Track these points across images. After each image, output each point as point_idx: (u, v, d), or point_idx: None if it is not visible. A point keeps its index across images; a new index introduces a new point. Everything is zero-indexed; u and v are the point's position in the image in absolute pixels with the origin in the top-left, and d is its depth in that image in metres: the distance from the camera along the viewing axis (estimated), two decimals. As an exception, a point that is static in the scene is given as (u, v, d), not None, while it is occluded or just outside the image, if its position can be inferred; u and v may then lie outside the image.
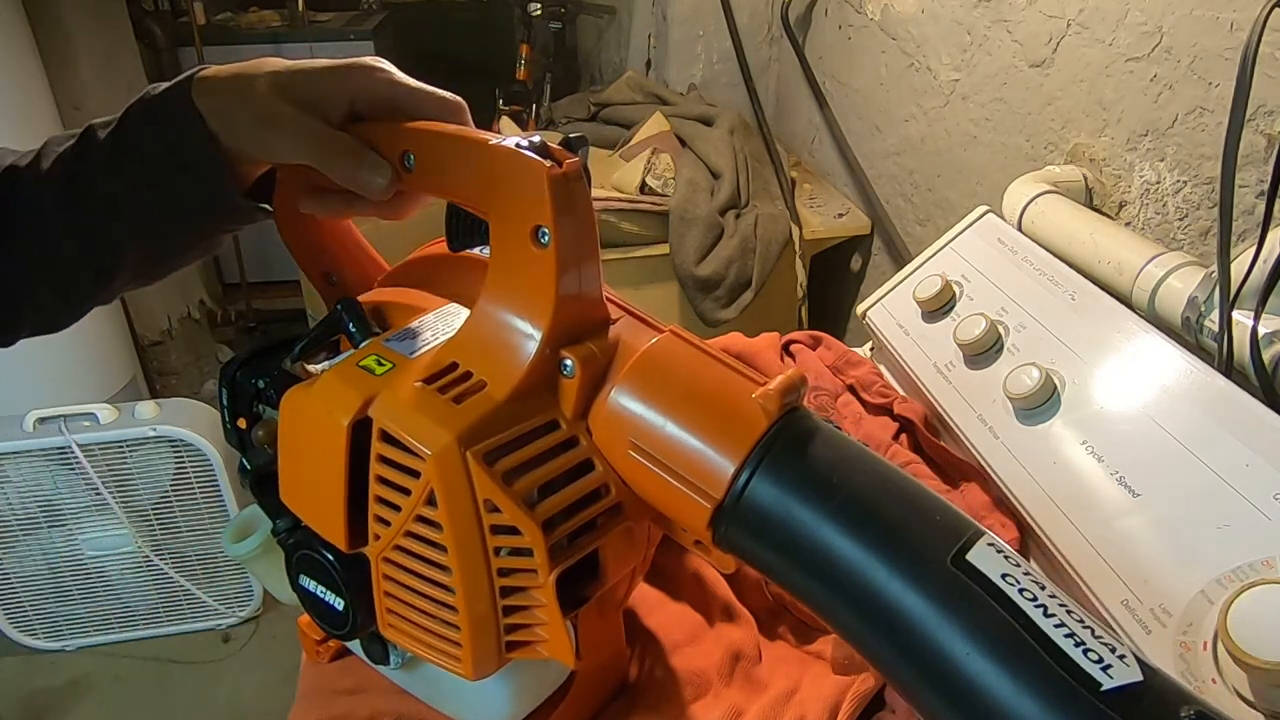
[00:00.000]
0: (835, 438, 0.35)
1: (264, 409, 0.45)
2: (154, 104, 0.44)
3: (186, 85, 0.43)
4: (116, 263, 0.47)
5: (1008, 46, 1.01)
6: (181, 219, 0.46)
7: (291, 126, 0.42)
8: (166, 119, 0.43)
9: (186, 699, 1.64)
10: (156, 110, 0.44)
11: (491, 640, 0.38)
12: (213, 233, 0.48)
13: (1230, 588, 0.46)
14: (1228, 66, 0.71)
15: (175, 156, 0.43)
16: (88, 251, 0.47)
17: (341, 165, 0.42)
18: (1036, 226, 0.82)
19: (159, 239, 0.47)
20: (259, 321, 2.63)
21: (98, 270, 0.47)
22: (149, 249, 0.47)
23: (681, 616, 0.58)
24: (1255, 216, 0.68)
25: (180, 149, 0.43)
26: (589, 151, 0.40)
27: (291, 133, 0.42)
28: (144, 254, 0.47)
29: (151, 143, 0.44)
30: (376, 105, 0.43)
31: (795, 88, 1.70)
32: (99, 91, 2.00)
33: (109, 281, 0.48)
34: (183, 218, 0.46)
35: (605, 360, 0.38)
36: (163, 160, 0.44)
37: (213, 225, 0.48)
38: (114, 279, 0.48)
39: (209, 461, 1.58)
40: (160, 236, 0.47)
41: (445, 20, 3.15)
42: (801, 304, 1.45)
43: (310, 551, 0.41)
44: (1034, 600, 0.29)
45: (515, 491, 0.35)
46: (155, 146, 0.44)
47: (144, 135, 0.44)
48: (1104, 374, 0.61)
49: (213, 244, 0.50)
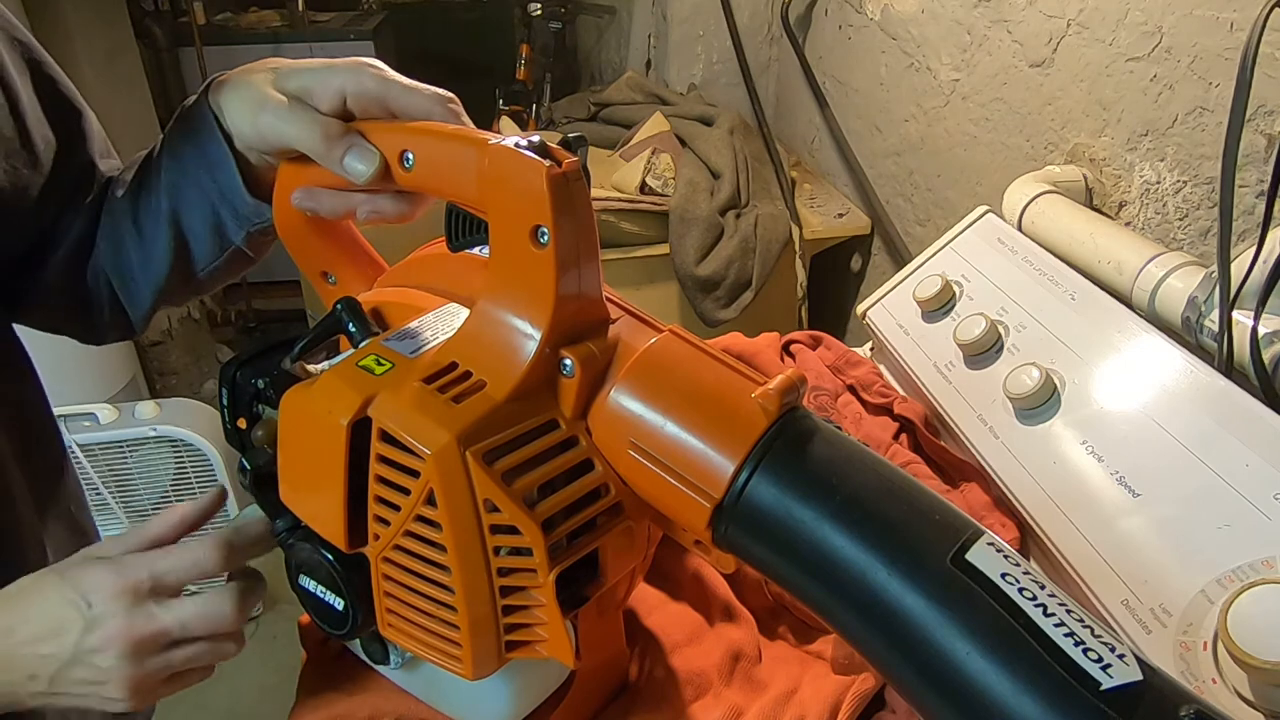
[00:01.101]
0: (835, 437, 0.35)
1: (264, 409, 0.45)
2: (185, 108, 0.50)
3: (206, 89, 0.49)
4: (158, 250, 0.53)
5: (1008, 46, 1.01)
6: (205, 205, 0.51)
7: (280, 109, 0.44)
8: (189, 117, 0.49)
9: (187, 699, 1.64)
10: (185, 112, 0.50)
11: (491, 640, 0.38)
12: (231, 228, 0.52)
13: (1230, 588, 0.46)
14: (1228, 66, 0.71)
15: (195, 146, 0.49)
16: (139, 239, 0.53)
17: (329, 149, 0.43)
18: (1036, 226, 0.82)
19: (190, 228, 0.52)
20: (259, 321, 2.63)
21: (144, 258, 0.54)
22: (182, 241, 0.53)
23: (681, 616, 0.58)
24: (1255, 216, 0.68)
25: (198, 140, 0.49)
26: (588, 151, 0.40)
27: (282, 115, 0.44)
28: (179, 244, 0.53)
29: (180, 140, 0.50)
30: (368, 101, 0.44)
31: (795, 88, 1.70)
32: (99, 91, 2.00)
33: (155, 274, 0.54)
34: (205, 203, 0.51)
35: (605, 360, 0.38)
36: (188, 150, 0.50)
37: (229, 216, 0.51)
38: (158, 270, 0.54)
39: (209, 461, 1.58)
40: (191, 226, 0.52)
41: (445, 20, 3.15)
42: (801, 304, 1.45)
43: (310, 551, 0.41)
44: (1034, 599, 0.29)
45: (515, 491, 0.35)
46: (182, 142, 0.50)
47: (176, 133, 0.51)
48: (1104, 374, 0.61)
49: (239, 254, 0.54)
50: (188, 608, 0.42)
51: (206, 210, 0.51)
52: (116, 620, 0.41)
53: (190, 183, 0.50)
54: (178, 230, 0.52)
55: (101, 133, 0.58)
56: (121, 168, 0.57)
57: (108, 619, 0.41)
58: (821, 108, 1.56)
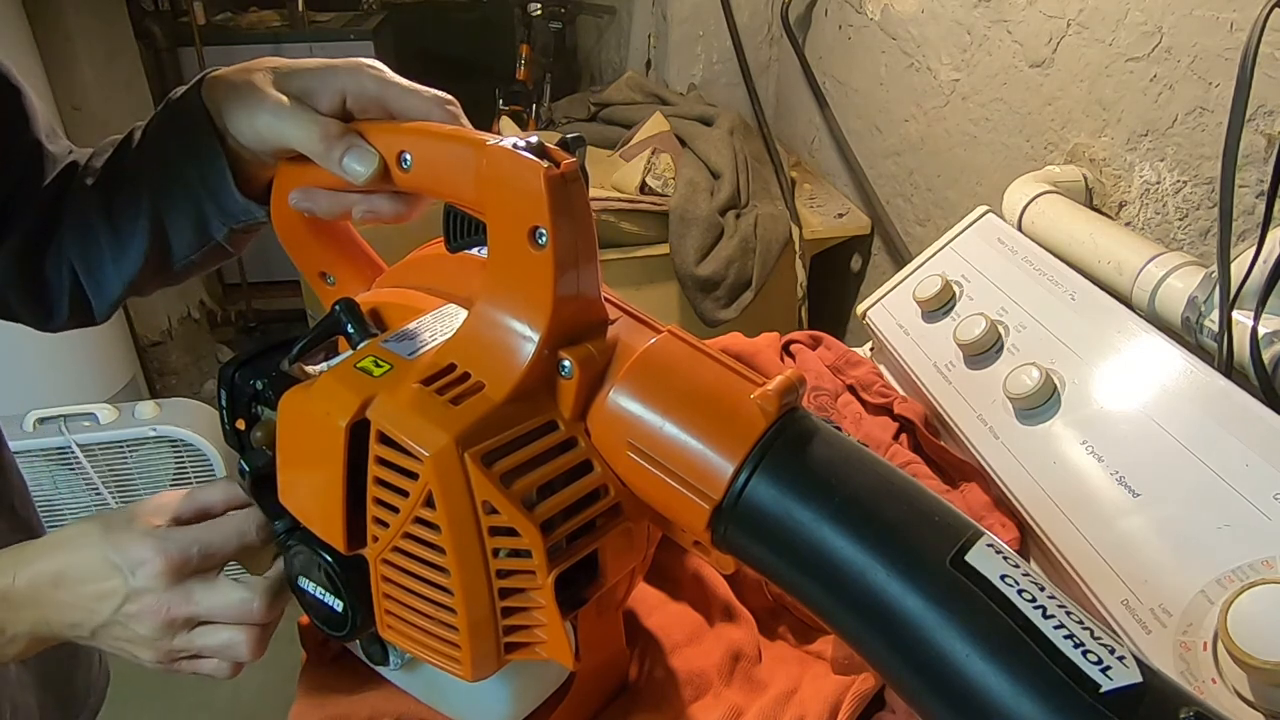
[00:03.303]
0: (834, 438, 0.35)
1: (263, 410, 0.45)
2: (173, 101, 0.49)
3: (198, 84, 0.48)
4: (134, 243, 0.51)
5: (1008, 46, 1.01)
6: (189, 200, 0.50)
7: (280, 109, 0.44)
8: (179, 112, 0.48)
9: (186, 699, 1.64)
10: (173, 106, 0.49)
11: (490, 641, 0.38)
12: (215, 225, 0.51)
13: (1230, 588, 0.46)
14: (1228, 66, 0.71)
15: (184, 141, 0.48)
16: (113, 231, 0.51)
17: (329, 149, 0.43)
18: (1036, 226, 0.82)
19: (171, 222, 0.51)
20: (259, 321, 2.63)
21: (118, 250, 0.52)
22: (161, 234, 0.51)
23: (681, 616, 0.58)
24: (1255, 216, 0.68)
25: (188, 135, 0.48)
26: (587, 152, 0.40)
27: (282, 115, 0.44)
28: (157, 237, 0.51)
29: (167, 133, 0.49)
30: (367, 102, 0.44)
31: (795, 88, 1.70)
32: (99, 91, 2.00)
33: (128, 266, 0.52)
34: (190, 199, 0.50)
35: (604, 361, 0.38)
36: (175, 144, 0.49)
37: (214, 213, 0.50)
38: (132, 262, 0.52)
39: (209, 461, 1.58)
40: (173, 220, 0.51)
41: (445, 20, 3.15)
42: (801, 304, 1.45)
43: (309, 553, 0.41)
44: (1033, 601, 0.29)
45: (514, 493, 0.35)
46: (169, 136, 0.49)
47: (162, 126, 0.50)
48: (1104, 374, 0.61)
49: (217, 248, 0.52)
50: (220, 596, 0.45)
51: (190, 206, 0.50)
52: (155, 596, 0.44)
53: (175, 177, 0.49)
54: (157, 224, 0.51)
55: (45, 112, 0.56)
56: (72, 149, 0.55)
57: (147, 594, 0.44)
58: (821, 108, 1.56)
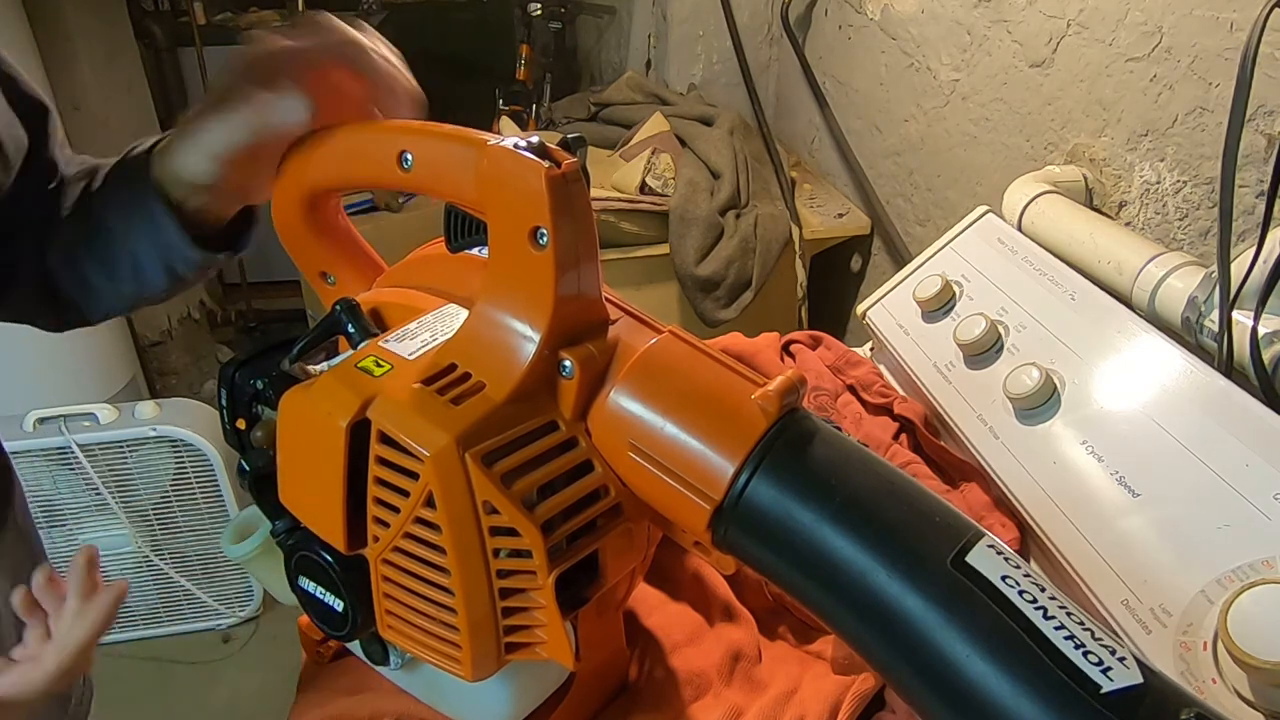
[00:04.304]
0: (835, 438, 0.35)
1: (263, 410, 0.45)
2: (128, 165, 0.51)
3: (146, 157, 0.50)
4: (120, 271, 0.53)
5: (1008, 46, 1.01)
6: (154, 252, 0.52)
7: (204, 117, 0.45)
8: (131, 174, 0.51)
9: (186, 699, 1.64)
10: (128, 162, 0.52)
11: (491, 641, 0.38)
12: (181, 268, 0.53)
13: (1230, 588, 0.46)
14: (1228, 66, 0.71)
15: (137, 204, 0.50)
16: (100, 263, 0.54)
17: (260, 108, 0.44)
18: (1036, 226, 0.82)
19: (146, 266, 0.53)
20: (259, 321, 2.63)
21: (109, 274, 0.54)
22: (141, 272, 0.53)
23: (681, 616, 0.58)
24: (1255, 216, 0.68)
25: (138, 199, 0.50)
26: (588, 152, 0.40)
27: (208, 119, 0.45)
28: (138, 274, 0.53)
29: (125, 192, 0.51)
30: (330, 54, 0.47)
31: (795, 88, 1.70)
32: (99, 91, 2.00)
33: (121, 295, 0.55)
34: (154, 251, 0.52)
35: (604, 361, 0.38)
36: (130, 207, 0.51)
37: (178, 261, 0.52)
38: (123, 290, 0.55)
39: (209, 461, 1.58)
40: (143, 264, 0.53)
41: (445, 20, 3.14)
42: (801, 304, 1.45)
43: (309, 553, 0.41)
44: (1034, 602, 0.29)
45: (514, 493, 0.35)
46: (124, 195, 0.51)
47: (120, 187, 0.52)
48: (1104, 374, 0.61)
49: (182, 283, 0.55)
50: None
51: (155, 256, 0.52)
52: None
53: (138, 235, 0.51)
54: (135, 263, 0.53)
55: (61, 128, 0.58)
56: (83, 159, 0.57)
57: None
58: (821, 108, 1.56)
